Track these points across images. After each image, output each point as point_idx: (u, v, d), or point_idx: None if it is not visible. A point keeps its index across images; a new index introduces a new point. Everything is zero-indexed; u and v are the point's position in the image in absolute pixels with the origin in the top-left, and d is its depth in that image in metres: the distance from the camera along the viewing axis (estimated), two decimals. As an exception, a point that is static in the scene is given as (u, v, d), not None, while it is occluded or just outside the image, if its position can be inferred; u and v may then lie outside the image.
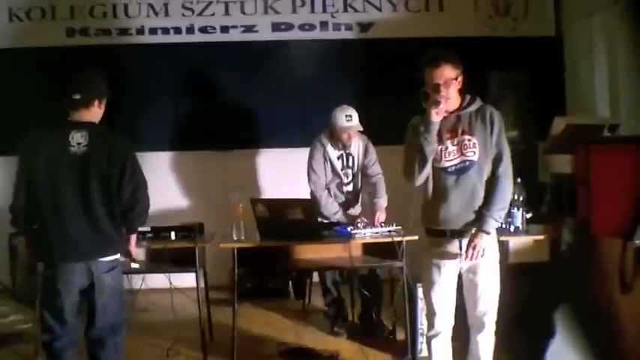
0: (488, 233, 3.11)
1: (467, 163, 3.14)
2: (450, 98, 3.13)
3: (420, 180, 3.18)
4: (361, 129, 4.59)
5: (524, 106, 5.25)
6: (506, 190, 3.15)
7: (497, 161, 3.14)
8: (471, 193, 3.15)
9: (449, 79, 3.10)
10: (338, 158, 4.68)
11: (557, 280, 3.68)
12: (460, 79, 3.16)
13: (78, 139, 3.12)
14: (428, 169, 3.16)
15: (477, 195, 3.15)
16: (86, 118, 3.23)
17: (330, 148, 4.65)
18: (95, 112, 3.29)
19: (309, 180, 4.68)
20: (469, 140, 3.14)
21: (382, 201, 4.68)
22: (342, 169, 4.69)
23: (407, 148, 3.24)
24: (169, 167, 6.25)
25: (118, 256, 3.24)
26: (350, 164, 4.71)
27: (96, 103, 3.28)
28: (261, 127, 6.16)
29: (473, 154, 3.13)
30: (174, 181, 6.27)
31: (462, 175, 3.15)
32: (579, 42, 5.68)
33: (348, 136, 4.58)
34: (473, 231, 3.14)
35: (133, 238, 3.36)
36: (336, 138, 4.61)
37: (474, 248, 3.10)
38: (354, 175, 4.75)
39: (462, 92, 3.22)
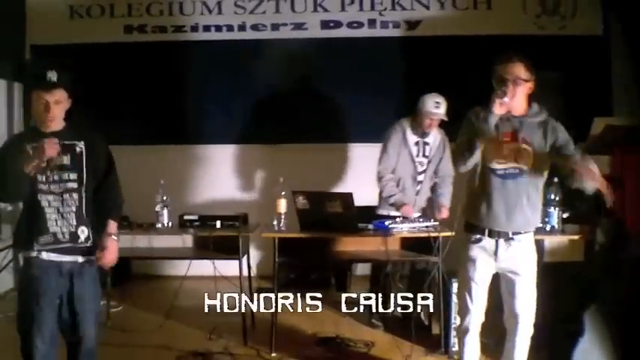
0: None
1: (517, 170, 3.15)
2: (516, 96, 3.11)
3: (466, 167, 3.19)
4: (446, 119, 4.57)
5: (566, 105, 5.23)
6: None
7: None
8: (515, 199, 3.16)
9: (518, 77, 3.11)
10: (415, 144, 4.69)
11: (590, 280, 3.71)
12: (531, 84, 3.16)
13: None
14: (476, 158, 3.14)
15: (520, 203, 3.16)
16: None
17: (409, 132, 4.67)
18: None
19: (380, 160, 4.69)
20: (525, 149, 3.14)
21: (445, 200, 4.71)
22: (417, 156, 4.71)
23: (461, 135, 3.23)
24: (222, 159, 6.47)
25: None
26: (426, 153, 4.71)
27: None
28: (310, 122, 6.27)
29: (527, 165, 3.14)
30: (228, 173, 6.48)
31: (509, 180, 3.16)
32: (626, 41, 5.61)
33: (430, 123, 4.58)
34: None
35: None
36: (418, 123, 4.62)
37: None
38: (427, 166, 4.76)
39: (530, 100, 3.22)
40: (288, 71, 6.28)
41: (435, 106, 4.52)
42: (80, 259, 2.99)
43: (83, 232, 3.00)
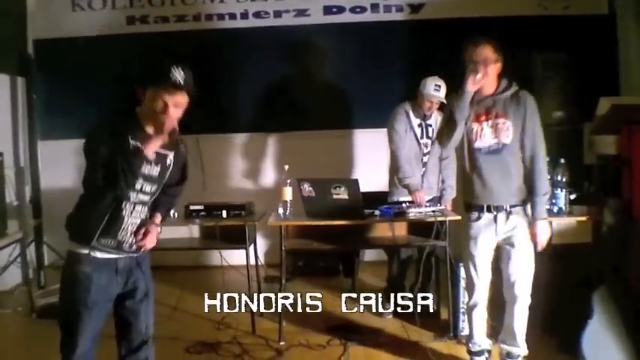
0: (544, 219, 3.36)
1: (500, 145, 3.32)
2: (487, 76, 3.28)
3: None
4: (445, 102, 4.51)
5: (572, 86, 5.20)
6: (545, 172, 3.36)
7: (532, 144, 3.31)
8: (505, 172, 3.34)
9: (487, 58, 3.26)
10: (418, 126, 4.73)
11: (598, 262, 3.70)
12: (499, 64, 3.33)
13: None
14: (457, 136, 3.35)
15: (510, 174, 3.34)
16: None
17: (412, 115, 4.71)
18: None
19: (391, 140, 4.71)
20: (503, 123, 3.31)
21: (450, 192, 4.79)
22: (421, 138, 4.74)
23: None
24: (226, 148, 6.44)
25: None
26: (429, 135, 4.75)
27: None
28: (314, 109, 6.22)
29: (507, 138, 3.31)
30: (233, 161, 6.46)
31: (495, 155, 3.33)
32: (632, 19, 5.53)
33: (430, 106, 4.63)
34: (528, 221, 3.39)
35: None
36: (419, 106, 4.68)
37: (538, 237, 3.36)
38: (431, 148, 4.76)
39: (499, 78, 3.38)
40: (291, 58, 6.25)
41: (436, 89, 4.57)
42: (135, 254, 2.79)
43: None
